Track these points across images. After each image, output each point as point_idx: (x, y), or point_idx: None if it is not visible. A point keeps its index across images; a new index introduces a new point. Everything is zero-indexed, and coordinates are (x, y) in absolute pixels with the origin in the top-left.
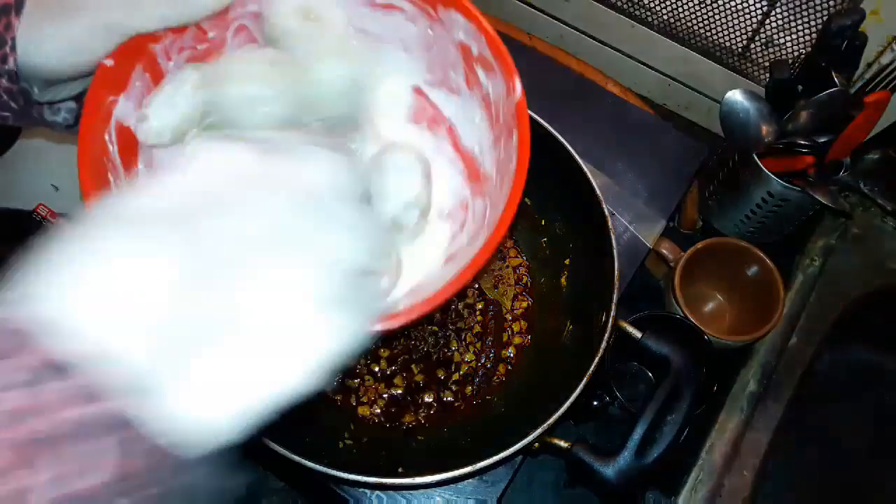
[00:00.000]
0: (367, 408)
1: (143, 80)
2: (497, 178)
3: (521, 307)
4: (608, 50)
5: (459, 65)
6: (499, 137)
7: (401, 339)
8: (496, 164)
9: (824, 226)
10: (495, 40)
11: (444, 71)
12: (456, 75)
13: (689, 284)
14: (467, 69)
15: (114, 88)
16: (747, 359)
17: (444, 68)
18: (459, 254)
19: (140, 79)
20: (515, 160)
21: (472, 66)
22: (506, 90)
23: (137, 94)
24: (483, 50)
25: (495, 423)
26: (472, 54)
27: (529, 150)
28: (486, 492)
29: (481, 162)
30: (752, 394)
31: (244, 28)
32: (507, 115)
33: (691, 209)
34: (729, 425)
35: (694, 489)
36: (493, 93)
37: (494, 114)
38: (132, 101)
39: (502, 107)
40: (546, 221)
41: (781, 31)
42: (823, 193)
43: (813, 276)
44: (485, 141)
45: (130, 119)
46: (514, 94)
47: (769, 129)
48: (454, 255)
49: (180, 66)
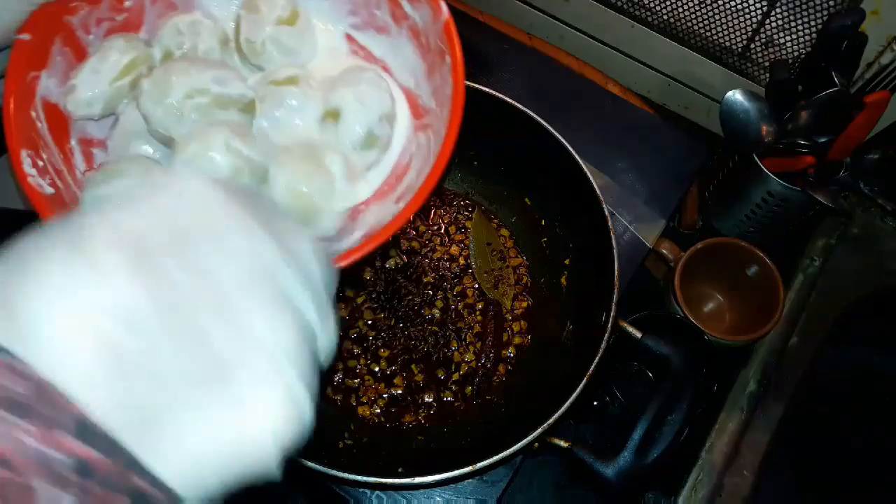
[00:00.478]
0: (367, 408)
1: (63, 54)
2: (437, 108)
3: (521, 307)
4: (608, 50)
5: (383, 1)
6: (433, 65)
7: (401, 340)
8: (434, 93)
9: (824, 226)
10: None
11: (368, 11)
12: (381, 13)
13: (689, 284)
14: (391, 4)
15: (34, 64)
16: (747, 359)
17: (368, 8)
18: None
19: (60, 53)
20: (451, 83)
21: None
22: (432, 14)
23: (60, 70)
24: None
25: (495, 423)
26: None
27: (464, 70)
28: (486, 492)
29: (419, 95)
30: (752, 394)
31: None
32: (437, 39)
33: (691, 209)
34: (729, 425)
35: (694, 489)
36: (421, 21)
37: (425, 42)
38: (55, 77)
39: (431, 33)
40: (546, 221)
41: (781, 31)
42: (823, 193)
43: (813, 276)
44: (420, 73)
45: (56, 95)
46: (440, 15)
47: (769, 129)
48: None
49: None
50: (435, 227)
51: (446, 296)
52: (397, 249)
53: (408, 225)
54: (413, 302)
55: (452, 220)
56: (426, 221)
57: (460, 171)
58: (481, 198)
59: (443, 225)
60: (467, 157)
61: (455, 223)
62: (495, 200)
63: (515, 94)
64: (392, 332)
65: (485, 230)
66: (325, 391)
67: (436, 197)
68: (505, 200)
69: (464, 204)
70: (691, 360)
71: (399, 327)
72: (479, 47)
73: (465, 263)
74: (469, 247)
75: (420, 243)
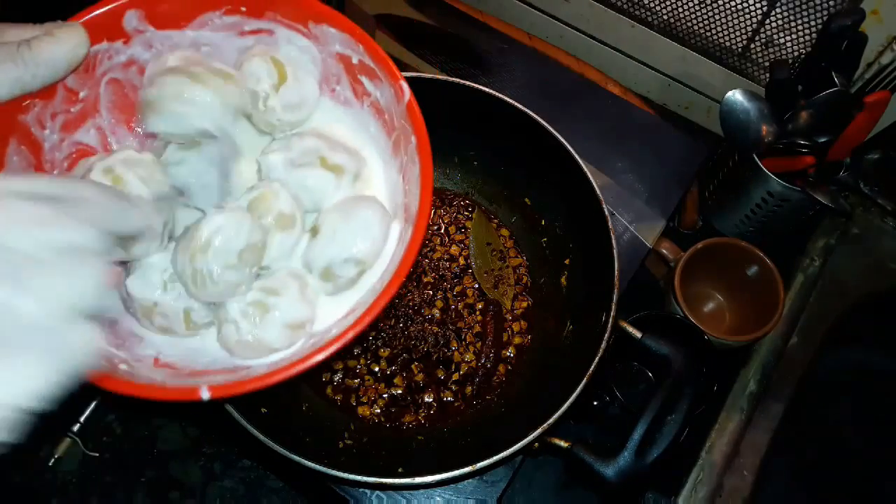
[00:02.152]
0: (367, 408)
1: (20, 153)
2: (404, 185)
3: (521, 307)
4: (608, 50)
5: (343, 76)
6: (397, 143)
7: (401, 339)
8: (401, 170)
9: (824, 226)
10: (373, 47)
11: (328, 85)
12: (342, 88)
13: (689, 284)
14: (352, 80)
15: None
16: (747, 359)
17: (328, 82)
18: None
19: (17, 153)
20: (419, 162)
21: (355, 76)
22: (394, 95)
23: (18, 169)
24: (363, 58)
25: (495, 423)
26: (353, 63)
27: (430, 150)
28: (486, 492)
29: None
30: (752, 394)
31: (116, 81)
32: (400, 120)
33: (691, 209)
34: (729, 425)
35: (694, 489)
36: (384, 100)
37: (388, 120)
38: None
39: (395, 113)
40: (546, 221)
41: (781, 31)
42: (823, 193)
43: (813, 276)
44: (385, 149)
45: None
46: (402, 97)
47: (769, 129)
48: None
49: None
50: (435, 227)
51: (446, 296)
52: None
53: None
54: (413, 302)
55: (452, 220)
56: None
57: (460, 171)
58: (481, 198)
59: (443, 225)
60: (467, 157)
61: (455, 223)
62: (495, 200)
63: (515, 94)
64: (392, 332)
65: (485, 230)
66: (325, 391)
67: (436, 197)
68: (505, 200)
69: (464, 204)
70: (691, 360)
71: (399, 327)
72: (479, 47)
73: (465, 263)
74: (469, 247)
75: None
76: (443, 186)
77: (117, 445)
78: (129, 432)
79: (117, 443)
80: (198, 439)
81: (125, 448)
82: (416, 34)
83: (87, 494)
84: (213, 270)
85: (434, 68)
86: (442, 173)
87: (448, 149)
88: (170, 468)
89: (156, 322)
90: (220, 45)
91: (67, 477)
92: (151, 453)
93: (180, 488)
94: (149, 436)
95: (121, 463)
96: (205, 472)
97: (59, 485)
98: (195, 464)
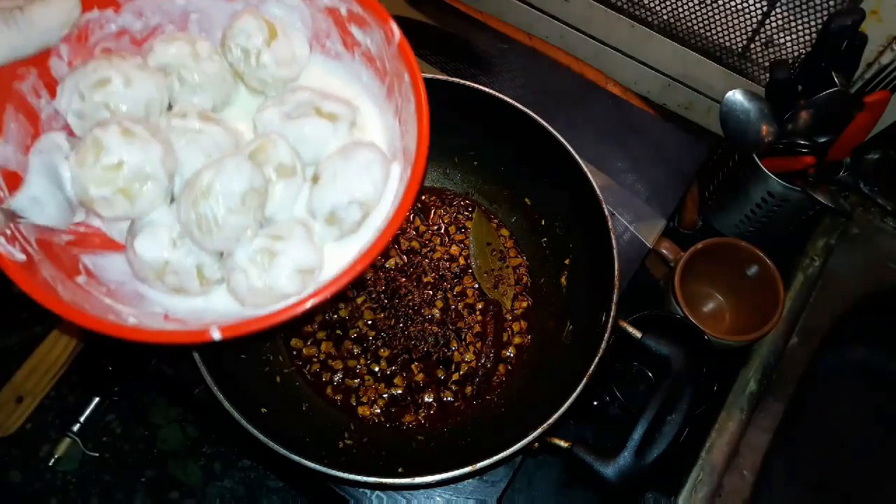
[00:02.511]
0: (367, 408)
1: (18, 121)
2: (401, 128)
3: (521, 307)
4: (608, 50)
5: (333, 29)
6: (391, 88)
7: (401, 339)
8: (397, 114)
9: (824, 226)
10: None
11: (318, 41)
12: (332, 42)
13: (688, 284)
14: (341, 31)
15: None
16: (747, 359)
17: (318, 38)
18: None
19: (15, 120)
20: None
21: (344, 27)
22: (384, 39)
23: (16, 137)
24: (351, 7)
25: (495, 423)
26: (342, 15)
27: (424, 85)
28: (486, 492)
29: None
30: (752, 394)
31: (109, 51)
32: (392, 61)
33: (691, 209)
34: (729, 425)
35: (694, 489)
36: (374, 47)
37: (380, 67)
38: (11, 144)
39: (386, 56)
40: (546, 221)
41: (781, 31)
42: (823, 193)
43: (813, 276)
44: (378, 95)
45: (14, 163)
46: (393, 38)
47: (769, 129)
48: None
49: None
50: (435, 227)
51: (446, 296)
52: (397, 249)
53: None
54: (413, 302)
55: (452, 220)
56: (426, 221)
57: (460, 171)
58: (481, 198)
59: (443, 225)
60: (467, 157)
61: (455, 223)
62: (495, 200)
63: (515, 94)
64: (392, 332)
65: (485, 230)
66: (325, 391)
67: (436, 197)
68: (505, 200)
69: (464, 204)
70: (691, 360)
71: (399, 327)
72: (479, 47)
73: (465, 263)
74: (469, 247)
75: (420, 243)
76: (443, 186)
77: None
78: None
79: (117, 443)
80: (198, 439)
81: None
82: (415, 34)
83: (87, 494)
84: (218, 214)
85: (434, 68)
86: (442, 173)
87: (448, 149)
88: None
89: (168, 281)
90: (209, 11)
91: (67, 477)
92: (151, 453)
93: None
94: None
95: (121, 463)
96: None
97: (59, 485)
98: (195, 464)
